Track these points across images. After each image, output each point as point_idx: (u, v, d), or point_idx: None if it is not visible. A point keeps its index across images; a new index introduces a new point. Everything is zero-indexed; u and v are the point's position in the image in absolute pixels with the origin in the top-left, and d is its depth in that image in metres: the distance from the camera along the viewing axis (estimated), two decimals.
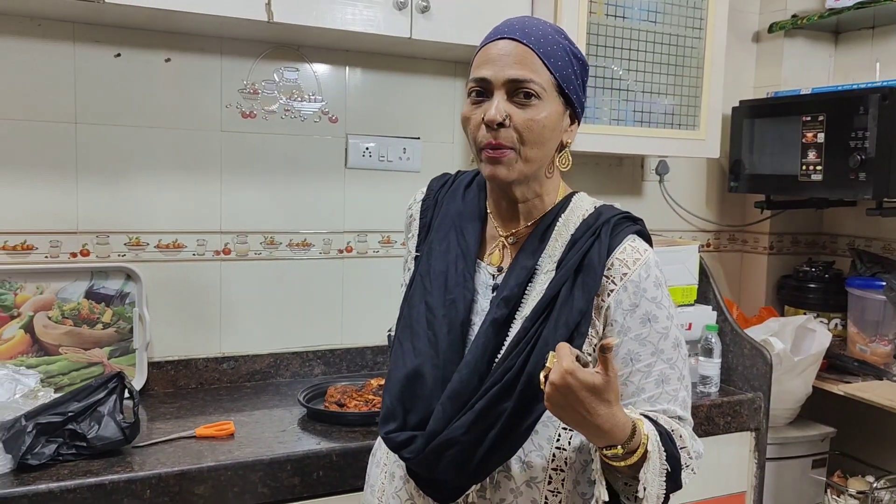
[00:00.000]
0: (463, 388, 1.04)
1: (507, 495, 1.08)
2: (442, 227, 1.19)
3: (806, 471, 2.40)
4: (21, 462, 1.38)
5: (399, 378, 1.09)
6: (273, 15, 1.71)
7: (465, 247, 1.15)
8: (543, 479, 1.07)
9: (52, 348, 1.81)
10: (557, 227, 1.13)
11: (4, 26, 1.75)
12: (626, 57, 2.10)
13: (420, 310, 1.13)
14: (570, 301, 1.05)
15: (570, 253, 1.09)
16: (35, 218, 1.81)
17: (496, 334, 1.07)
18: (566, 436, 1.07)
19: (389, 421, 1.08)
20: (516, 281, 1.10)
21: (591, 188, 2.46)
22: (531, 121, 1.06)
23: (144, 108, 1.89)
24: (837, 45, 2.68)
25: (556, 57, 1.09)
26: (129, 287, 1.88)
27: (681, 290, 2.13)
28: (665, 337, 1.09)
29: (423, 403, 1.06)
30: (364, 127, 2.12)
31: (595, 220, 1.12)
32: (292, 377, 2.07)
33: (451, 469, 1.04)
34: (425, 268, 1.16)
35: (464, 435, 1.02)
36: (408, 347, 1.11)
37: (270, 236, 2.04)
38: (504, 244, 1.17)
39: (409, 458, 1.07)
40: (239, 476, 1.47)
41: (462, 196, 1.21)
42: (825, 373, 2.38)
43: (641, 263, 1.09)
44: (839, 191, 2.21)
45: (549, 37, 1.09)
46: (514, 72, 1.06)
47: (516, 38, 1.08)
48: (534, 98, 1.07)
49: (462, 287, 1.12)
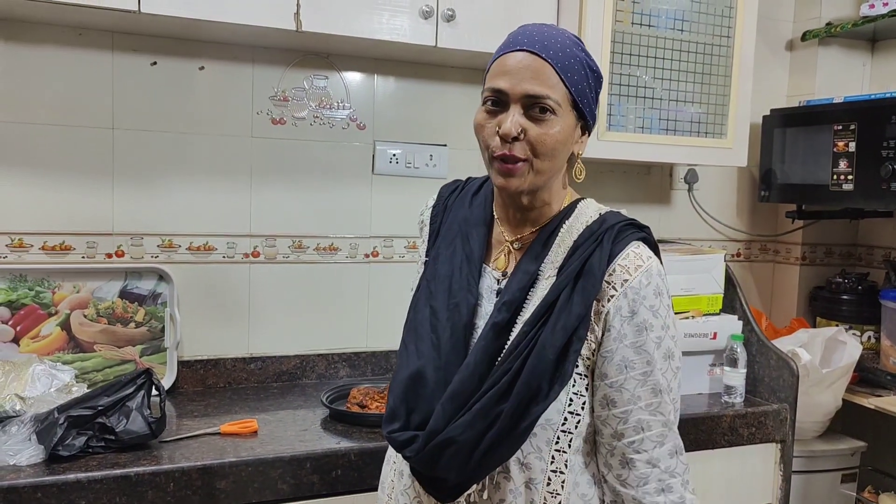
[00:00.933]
0: (463, 390, 1.06)
1: (507, 496, 1.09)
2: (449, 232, 1.22)
3: (835, 485, 2.36)
4: (52, 453, 1.43)
5: (402, 379, 1.11)
6: (302, 24, 1.75)
7: (470, 252, 1.17)
8: (542, 481, 1.08)
9: (88, 345, 1.88)
10: (561, 233, 1.14)
11: (48, 36, 1.83)
12: (653, 65, 2.10)
13: (424, 313, 1.15)
14: (569, 306, 1.06)
15: (572, 258, 1.10)
16: (73, 220, 1.88)
17: (497, 338, 1.09)
18: (565, 438, 1.09)
19: (392, 421, 1.11)
20: (518, 285, 1.11)
21: (620, 197, 2.50)
22: (545, 135, 1.08)
23: (179, 114, 1.95)
24: (874, 53, 2.64)
25: (572, 71, 1.09)
26: (162, 287, 1.94)
27: (706, 298, 2.12)
28: (658, 346, 1.08)
29: (425, 404, 1.08)
30: (391, 134, 2.16)
31: (599, 226, 1.13)
32: (318, 378, 2.11)
33: (451, 468, 1.06)
34: (431, 272, 1.19)
35: (462, 434, 1.04)
36: (412, 350, 1.13)
37: (298, 240, 2.09)
38: (510, 249, 1.18)
39: (410, 457, 1.09)
40: (260, 472, 1.51)
41: (470, 202, 1.24)
42: (857, 386, 2.33)
43: (643, 270, 1.09)
44: (870, 201, 2.18)
45: (567, 50, 1.10)
46: (532, 87, 1.07)
47: (535, 52, 1.08)
48: (549, 113, 1.08)
49: (466, 291, 1.14)
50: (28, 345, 1.82)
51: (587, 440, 1.12)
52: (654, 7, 2.07)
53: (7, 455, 1.42)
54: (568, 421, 1.08)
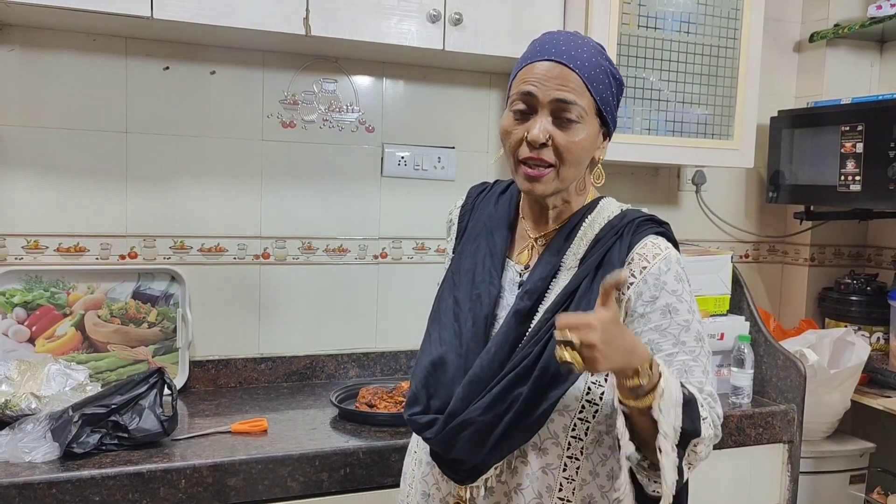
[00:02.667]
0: (483, 374, 1.10)
1: (524, 480, 1.12)
2: (475, 229, 1.27)
3: (843, 486, 2.36)
4: (67, 450, 1.47)
5: (424, 365, 1.15)
6: (311, 29, 1.78)
7: (494, 246, 1.22)
8: (559, 467, 1.11)
9: (101, 345, 1.91)
10: (583, 227, 1.18)
11: (63, 41, 1.86)
12: (660, 67, 2.11)
13: (448, 303, 1.20)
14: (589, 294, 1.09)
15: (594, 250, 1.14)
16: (87, 222, 1.91)
17: (519, 325, 1.12)
18: (582, 426, 1.11)
19: (414, 405, 1.15)
20: (540, 275, 1.15)
21: (628, 198, 2.47)
22: (572, 142, 1.12)
23: (191, 118, 1.98)
24: (883, 54, 2.64)
25: (598, 80, 1.13)
26: (174, 288, 1.97)
27: (713, 299, 2.13)
28: (686, 329, 1.10)
29: (445, 389, 1.12)
30: (400, 136, 2.18)
31: (620, 220, 1.17)
32: (327, 378, 2.14)
33: (468, 449, 1.09)
34: (456, 265, 1.24)
35: (480, 416, 1.07)
36: (434, 337, 1.18)
37: (308, 241, 2.11)
38: (533, 245, 1.22)
39: (429, 439, 1.13)
40: (269, 470, 1.53)
41: (496, 201, 1.28)
42: (865, 387, 2.33)
43: (662, 258, 1.12)
44: (878, 201, 2.18)
45: (593, 59, 1.14)
46: (561, 94, 1.10)
47: (563, 62, 1.12)
48: (574, 122, 1.12)
49: (488, 283, 1.18)
50: (43, 345, 1.85)
51: (608, 432, 1.13)
52: (661, 9, 2.09)
53: (23, 452, 1.45)
54: (585, 409, 1.10)
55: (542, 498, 1.11)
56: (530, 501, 1.12)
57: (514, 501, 1.13)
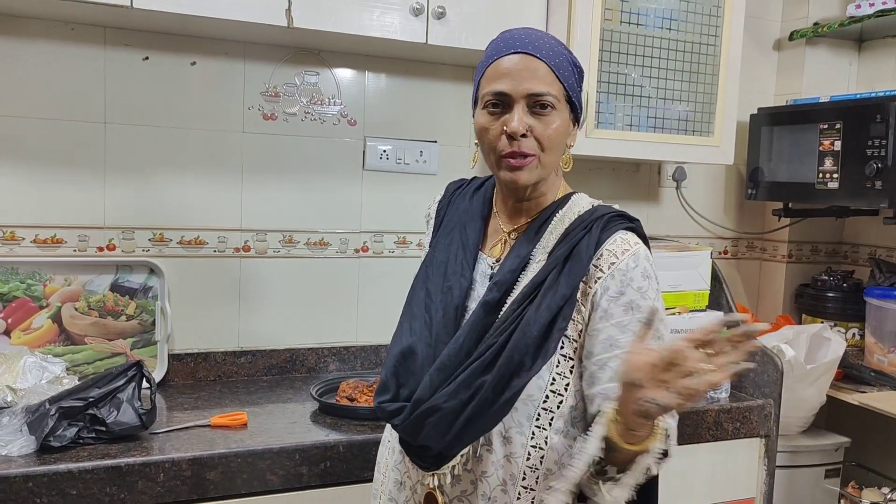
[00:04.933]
0: (450, 362, 1.12)
1: (489, 468, 1.14)
2: (450, 223, 1.29)
3: (819, 480, 2.39)
4: (43, 443, 1.45)
5: (394, 354, 1.18)
6: (293, 20, 1.77)
7: (466, 240, 1.24)
8: (522, 455, 1.12)
9: (79, 338, 1.89)
10: (554, 221, 1.20)
11: (40, 30, 1.84)
12: (641, 63, 2.12)
13: (420, 295, 1.22)
14: (556, 286, 1.11)
15: (562, 244, 1.16)
16: (65, 213, 1.89)
17: (486, 315, 1.14)
18: (546, 416, 1.12)
19: (383, 393, 1.17)
20: (509, 268, 1.17)
21: (609, 194, 2.52)
22: (550, 130, 1.15)
23: (170, 109, 1.96)
24: (861, 53, 2.67)
25: (563, 68, 1.17)
26: (153, 281, 1.95)
27: (692, 295, 2.14)
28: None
29: (414, 378, 1.14)
30: (382, 130, 2.18)
31: (590, 215, 1.19)
32: (308, 372, 2.13)
33: (433, 436, 1.11)
34: (430, 258, 1.26)
35: (445, 403, 1.09)
36: (405, 328, 1.20)
37: (289, 235, 2.11)
38: (507, 239, 1.24)
39: (397, 426, 1.15)
40: (248, 463, 1.53)
41: (471, 196, 1.31)
42: (841, 382, 2.36)
43: (630, 254, 1.14)
44: (855, 199, 2.20)
45: (556, 49, 1.18)
46: (534, 86, 1.14)
47: (529, 52, 1.15)
48: (549, 109, 1.15)
49: (459, 275, 1.20)
50: (19, 337, 1.83)
51: (575, 425, 1.14)
52: (643, 6, 2.10)
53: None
54: (549, 399, 1.12)
55: (505, 486, 1.13)
56: (494, 489, 1.14)
57: (480, 489, 1.15)
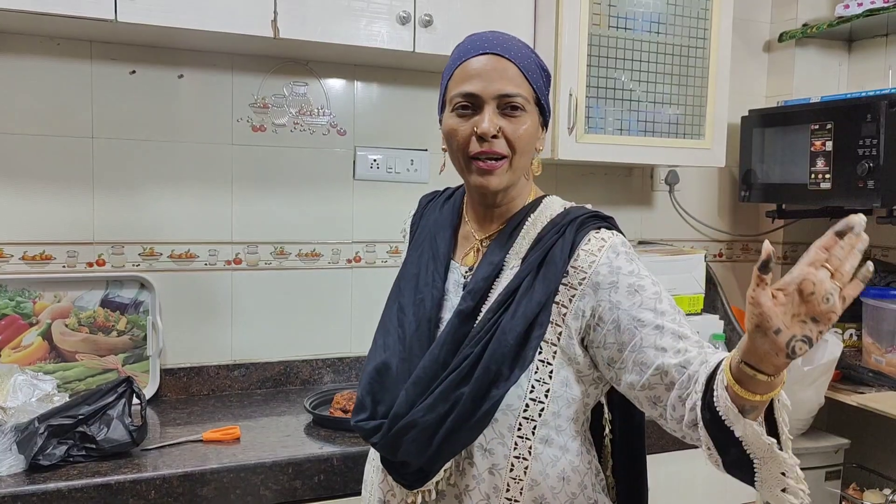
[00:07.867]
0: (426, 375, 1.10)
1: (471, 481, 1.11)
2: (421, 235, 1.27)
3: (819, 483, 2.37)
4: (33, 462, 1.43)
5: (369, 371, 1.16)
6: (279, 31, 1.76)
7: (437, 250, 1.22)
8: (506, 467, 1.10)
9: (70, 355, 1.87)
10: (526, 226, 1.17)
11: (26, 46, 1.83)
12: (631, 67, 2.12)
13: (392, 310, 1.20)
14: (531, 293, 1.09)
15: (535, 249, 1.13)
16: (53, 229, 1.88)
17: (461, 325, 1.12)
18: (528, 425, 1.09)
19: (360, 411, 1.15)
20: (483, 276, 1.15)
21: (601, 198, 2.52)
22: (520, 131, 1.13)
23: (158, 122, 1.95)
24: (851, 53, 2.67)
25: (532, 70, 1.16)
26: (143, 296, 1.94)
27: (687, 298, 2.14)
28: (660, 300, 1.07)
29: (390, 394, 1.12)
30: (372, 139, 2.17)
31: (562, 219, 1.16)
32: (302, 384, 2.11)
33: (413, 451, 1.08)
34: (402, 272, 1.25)
35: (423, 417, 1.07)
36: (379, 344, 1.18)
37: (280, 246, 2.09)
38: (479, 247, 1.22)
39: (375, 443, 1.13)
40: (241, 478, 1.51)
41: (441, 206, 1.29)
42: (839, 384, 2.35)
43: (607, 248, 1.11)
44: (848, 199, 2.20)
45: (524, 51, 1.16)
46: (504, 87, 1.12)
47: (498, 53, 1.14)
48: (519, 110, 1.13)
49: (431, 286, 1.18)
50: (9, 355, 1.81)
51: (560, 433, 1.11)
52: (631, 10, 2.09)
53: None
54: (530, 408, 1.09)
55: (489, 499, 1.10)
56: (478, 503, 1.11)
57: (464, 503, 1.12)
